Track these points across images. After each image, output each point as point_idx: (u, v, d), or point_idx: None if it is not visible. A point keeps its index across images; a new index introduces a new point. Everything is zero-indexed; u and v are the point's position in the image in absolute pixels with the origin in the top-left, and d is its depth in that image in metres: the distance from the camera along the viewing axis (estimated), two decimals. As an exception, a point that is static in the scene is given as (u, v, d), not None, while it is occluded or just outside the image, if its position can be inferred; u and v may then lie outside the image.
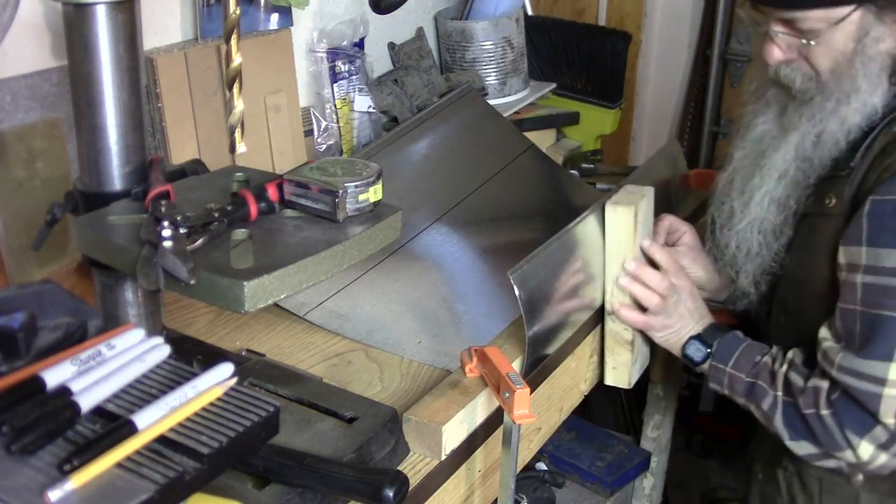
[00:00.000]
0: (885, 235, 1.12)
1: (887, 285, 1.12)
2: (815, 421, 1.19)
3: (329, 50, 1.81)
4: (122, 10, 0.96)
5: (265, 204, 0.97)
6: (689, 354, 1.35)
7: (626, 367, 1.41)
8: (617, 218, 1.31)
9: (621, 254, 1.33)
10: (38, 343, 0.95)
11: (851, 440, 1.16)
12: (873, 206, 1.14)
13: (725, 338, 1.33)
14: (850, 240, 1.17)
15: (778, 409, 1.24)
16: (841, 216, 1.21)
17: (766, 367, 1.28)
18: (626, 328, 1.38)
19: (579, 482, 2.08)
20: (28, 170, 1.30)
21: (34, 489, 0.72)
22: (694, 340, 1.34)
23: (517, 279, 1.18)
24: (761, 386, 1.27)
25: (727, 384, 1.32)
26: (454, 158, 1.82)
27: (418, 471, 1.08)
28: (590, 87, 2.31)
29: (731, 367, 1.31)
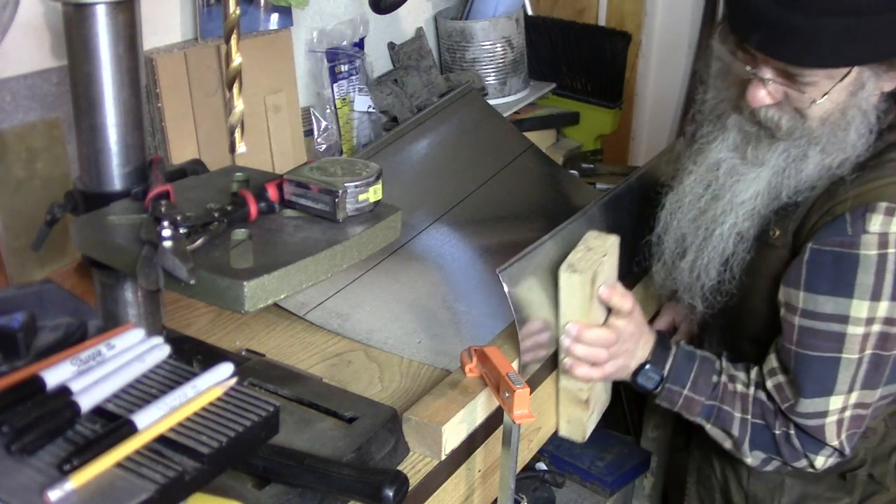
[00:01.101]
0: (822, 283, 1.17)
1: (821, 329, 1.18)
2: (784, 439, 1.26)
3: (329, 50, 1.81)
4: (122, 10, 0.96)
5: (265, 204, 0.97)
6: (641, 384, 1.30)
7: (581, 422, 1.34)
8: (572, 285, 1.21)
9: (575, 317, 1.23)
10: (38, 343, 0.95)
11: (810, 456, 1.25)
12: (812, 255, 1.17)
13: (676, 359, 1.30)
14: (790, 282, 1.21)
15: (747, 431, 1.27)
16: (783, 248, 1.24)
17: (726, 389, 1.28)
18: (581, 388, 1.29)
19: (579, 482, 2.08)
20: (28, 170, 1.30)
21: (34, 489, 0.72)
22: (644, 369, 1.29)
23: (506, 277, 1.17)
24: (726, 411, 1.28)
25: (682, 405, 1.30)
26: (454, 158, 1.82)
27: (418, 471, 1.08)
28: (590, 87, 2.31)
29: (688, 389, 1.29)
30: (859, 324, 1.16)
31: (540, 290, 1.25)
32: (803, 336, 1.20)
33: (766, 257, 1.26)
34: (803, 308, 1.19)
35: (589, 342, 1.23)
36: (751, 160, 1.24)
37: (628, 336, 1.26)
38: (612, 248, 1.28)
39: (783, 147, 1.21)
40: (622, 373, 1.29)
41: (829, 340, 1.18)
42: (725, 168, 1.27)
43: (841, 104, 1.15)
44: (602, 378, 1.29)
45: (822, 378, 1.20)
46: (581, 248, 1.27)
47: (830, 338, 1.18)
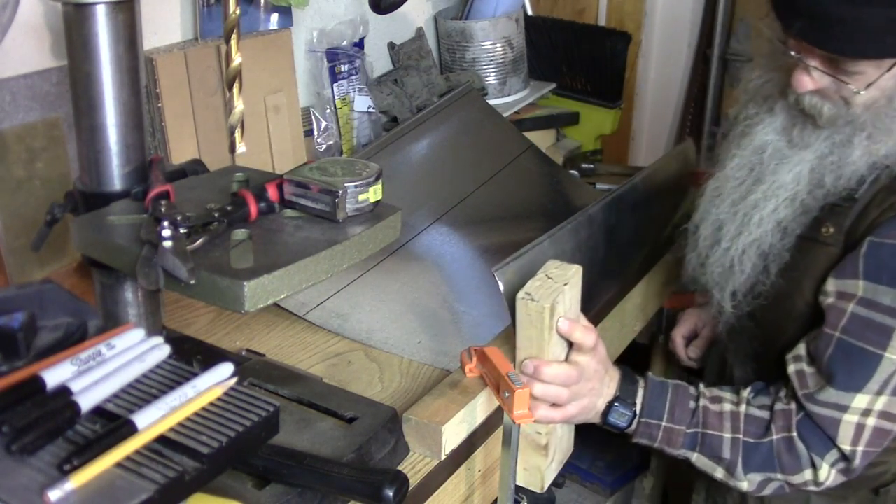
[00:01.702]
0: (884, 274, 1.12)
1: (875, 320, 1.12)
2: (783, 444, 1.17)
3: (329, 50, 1.81)
4: (122, 10, 0.96)
5: (265, 204, 0.97)
6: (613, 422, 1.21)
7: (539, 471, 1.20)
8: (529, 315, 1.10)
9: (532, 352, 1.13)
10: (38, 343, 0.95)
11: (815, 461, 1.16)
12: (870, 248, 1.13)
13: (647, 390, 1.21)
14: (845, 273, 1.16)
15: (740, 453, 1.19)
16: (835, 246, 1.19)
17: (708, 412, 1.20)
18: (539, 432, 1.18)
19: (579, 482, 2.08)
20: (28, 170, 1.30)
21: (34, 489, 0.72)
22: (614, 406, 1.20)
23: (502, 276, 1.17)
24: (713, 434, 1.19)
25: (662, 438, 1.21)
26: (454, 158, 1.82)
27: (418, 471, 1.08)
28: (590, 87, 2.31)
29: (665, 420, 1.21)
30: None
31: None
32: (852, 324, 1.14)
33: (814, 255, 1.21)
34: (862, 296, 1.13)
35: (548, 380, 1.12)
36: (797, 143, 1.21)
37: (592, 373, 1.16)
38: (573, 277, 1.15)
39: (827, 133, 1.18)
40: (587, 414, 1.19)
41: (878, 334, 1.12)
42: (770, 151, 1.23)
43: (888, 91, 1.13)
44: (563, 420, 1.17)
45: (857, 371, 1.13)
46: (541, 275, 1.15)
47: (881, 331, 1.12)
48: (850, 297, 1.15)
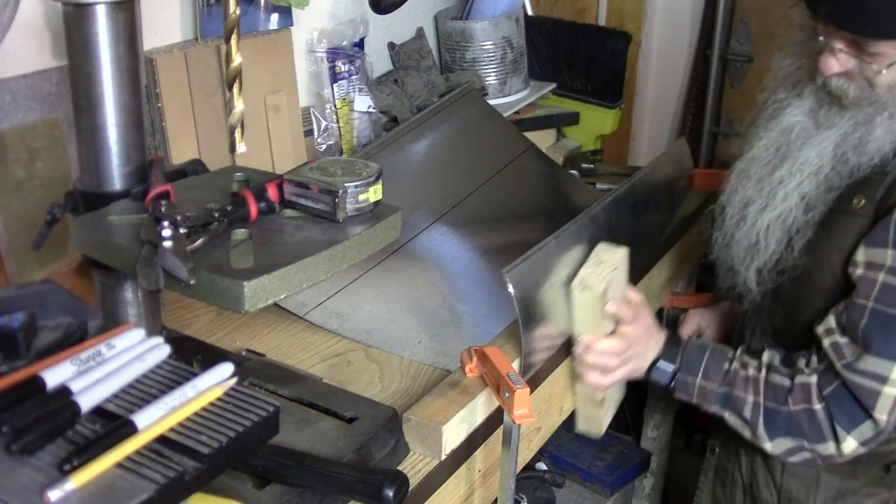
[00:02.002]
0: None
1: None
2: (804, 416, 1.23)
3: (329, 50, 1.81)
4: (122, 10, 0.96)
5: (265, 204, 0.97)
6: (655, 380, 1.34)
7: (598, 420, 1.40)
8: (585, 301, 1.26)
9: (588, 332, 1.28)
10: (38, 343, 0.95)
11: (839, 434, 1.21)
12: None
13: (688, 349, 1.33)
14: (875, 241, 1.20)
15: (760, 415, 1.27)
16: (866, 217, 1.22)
17: (737, 374, 1.29)
18: (596, 391, 1.35)
19: (579, 482, 2.08)
20: (28, 170, 1.30)
21: (34, 489, 0.72)
22: (656, 365, 1.33)
23: (512, 277, 1.17)
24: (738, 397, 1.28)
25: (697, 395, 1.32)
26: (454, 158, 1.82)
27: (418, 471, 1.08)
28: (590, 87, 2.31)
29: (700, 378, 1.31)
30: None
31: (544, 291, 1.25)
32: (884, 293, 1.18)
33: (846, 227, 1.24)
34: (891, 265, 1.17)
35: (600, 352, 1.27)
36: (822, 123, 1.25)
37: (637, 340, 1.30)
38: (621, 261, 1.31)
39: (851, 113, 1.22)
40: (635, 374, 1.33)
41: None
42: (797, 131, 1.28)
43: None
44: (612, 384, 1.32)
45: (894, 339, 1.17)
46: (592, 262, 1.31)
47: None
48: (879, 266, 1.18)
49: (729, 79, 2.68)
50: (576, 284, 1.26)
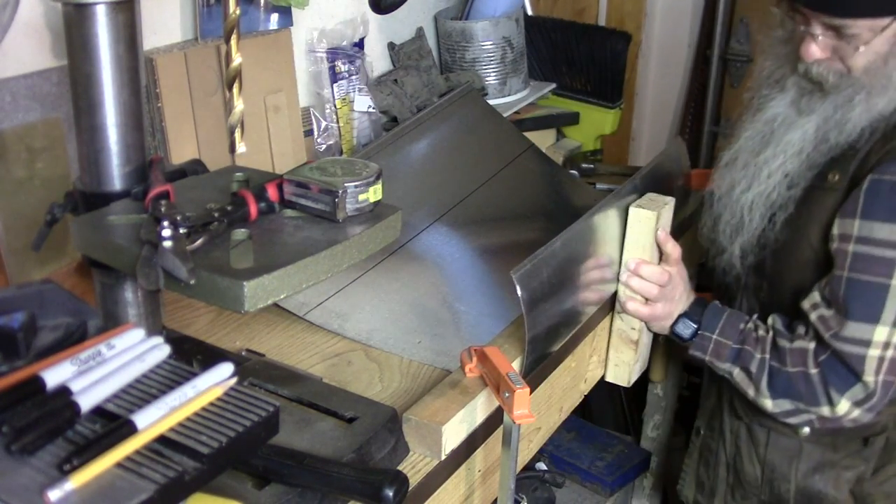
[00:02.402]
0: (879, 211, 1.24)
1: (875, 255, 1.25)
2: (801, 378, 1.31)
3: (329, 50, 1.81)
4: (122, 10, 0.96)
5: (265, 204, 0.97)
6: (678, 332, 1.43)
7: (628, 365, 1.49)
8: (640, 220, 1.39)
9: (638, 254, 1.41)
10: (38, 343, 0.95)
11: (833, 397, 1.29)
12: (871, 184, 1.25)
13: (709, 309, 1.43)
14: (845, 213, 1.28)
15: (765, 371, 1.35)
16: (840, 191, 1.31)
17: (750, 333, 1.38)
18: (633, 328, 1.45)
19: (579, 482, 2.08)
20: (28, 170, 1.30)
21: (34, 489, 0.72)
22: (681, 318, 1.43)
23: (520, 279, 1.17)
24: (748, 350, 1.37)
25: (712, 351, 1.41)
26: (454, 158, 1.82)
27: (418, 471, 1.08)
28: (590, 87, 2.31)
29: (717, 335, 1.40)
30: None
31: (551, 291, 1.25)
32: (856, 262, 1.26)
33: (821, 202, 1.33)
34: (858, 235, 1.26)
35: (645, 276, 1.39)
36: (804, 110, 1.35)
37: (677, 282, 1.41)
38: (669, 203, 1.43)
39: (832, 98, 1.31)
40: (665, 320, 1.42)
41: (882, 266, 1.24)
42: (780, 119, 1.38)
43: (883, 54, 1.26)
44: (650, 316, 1.42)
45: (870, 303, 1.25)
46: (644, 198, 1.43)
47: (883, 263, 1.24)
48: (848, 238, 1.27)
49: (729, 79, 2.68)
50: (633, 205, 1.39)
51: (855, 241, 1.26)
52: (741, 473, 1.54)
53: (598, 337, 1.48)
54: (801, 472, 1.46)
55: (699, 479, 1.64)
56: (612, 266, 1.42)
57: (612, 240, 1.41)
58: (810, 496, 1.47)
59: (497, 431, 1.19)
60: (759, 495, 1.52)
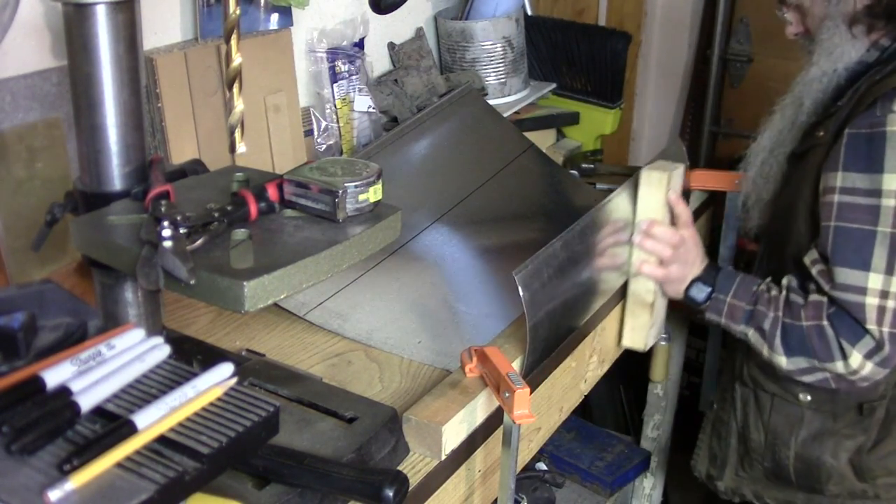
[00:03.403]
0: (858, 162, 1.30)
1: (858, 203, 1.30)
2: (815, 331, 1.33)
3: (329, 50, 1.81)
4: (122, 10, 0.96)
5: (265, 204, 0.97)
6: (692, 296, 1.46)
7: (643, 329, 1.52)
8: (651, 185, 1.43)
9: (650, 216, 1.44)
10: (38, 343, 0.95)
11: (845, 349, 1.31)
12: (848, 139, 1.31)
13: (723, 272, 1.47)
14: (828, 167, 1.34)
15: (778, 328, 1.38)
16: (826, 146, 1.37)
17: (763, 294, 1.41)
18: (648, 290, 1.48)
19: (579, 482, 2.08)
20: (28, 170, 1.30)
21: (34, 489, 0.72)
22: (696, 282, 1.46)
23: (522, 279, 1.17)
24: (761, 310, 1.40)
25: (727, 313, 1.44)
26: (454, 158, 1.82)
27: (418, 471, 1.08)
28: (590, 87, 2.31)
29: (731, 297, 1.43)
30: (891, 196, 1.27)
31: (552, 291, 1.25)
32: (842, 210, 1.31)
33: (811, 159, 1.40)
34: (841, 186, 1.31)
35: (658, 236, 1.43)
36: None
37: (690, 245, 1.45)
38: (679, 167, 1.48)
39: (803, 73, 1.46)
40: (679, 283, 1.46)
41: (866, 213, 1.29)
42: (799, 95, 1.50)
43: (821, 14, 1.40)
44: (664, 277, 1.46)
45: (858, 249, 1.30)
46: (655, 163, 1.47)
47: (866, 211, 1.29)
48: (832, 189, 1.33)
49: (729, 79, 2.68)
50: (645, 168, 1.43)
51: (839, 192, 1.31)
52: (749, 441, 1.58)
53: (599, 336, 1.48)
54: (800, 439, 1.51)
55: (712, 451, 1.68)
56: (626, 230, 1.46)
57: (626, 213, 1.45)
58: (809, 463, 1.51)
59: (497, 431, 1.19)
60: (762, 462, 1.57)
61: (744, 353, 1.56)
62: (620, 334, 1.55)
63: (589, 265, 1.38)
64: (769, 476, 1.57)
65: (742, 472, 1.62)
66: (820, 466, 1.50)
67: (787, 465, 1.53)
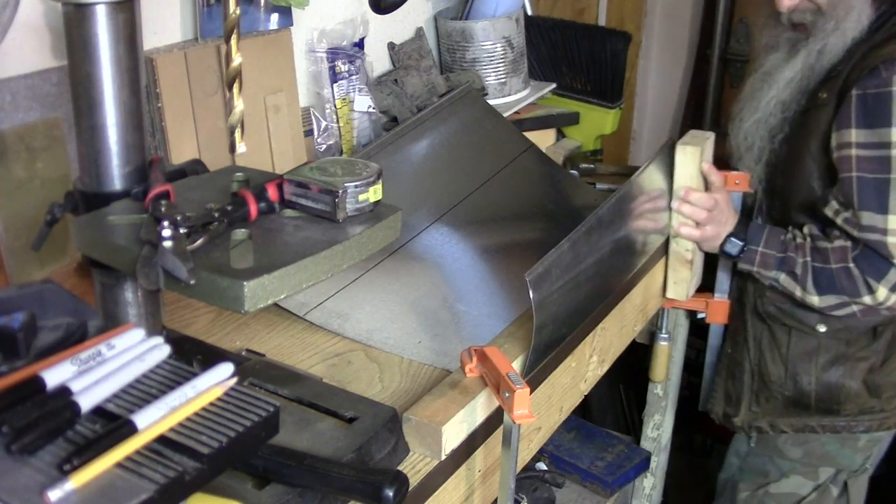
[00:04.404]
0: (868, 119, 1.46)
1: (873, 155, 1.46)
2: (843, 273, 1.51)
3: (329, 50, 1.81)
4: (122, 10, 0.96)
5: (265, 204, 0.97)
6: (727, 250, 1.63)
7: (685, 282, 1.70)
8: (686, 157, 1.60)
9: (686, 184, 1.61)
10: (38, 343, 0.95)
11: (872, 285, 1.49)
12: (857, 100, 1.47)
13: (752, 227, 1.62)
14: (841, 125, 1.50)
15: (808, 271, 1.54)
16: (829, 106, 1.53)
17: (791, 242, 1.58)
18: (687, 249, 1.66)
19: (579, 482, 2.08)
20: (28, 170, 1.30)
21: (34, 489, 0.72)
22: (729, 238, 1.62)
23: (533, 282, 1.17)
24: (792, 257, 1.56)
25: (759, 262, 1.60)
26: (454, 158, 1.82)
27: (418, 471, 1.08)
28: (590, 87, 2.31)
29: (762, 246, 1.60)
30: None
31: (559, 293, 1.25)
32: (861, 162, 1.47)
33: (816, 118, 1.56)
34: (857, 141, 1.47)
35: (694, 201, 1.61)
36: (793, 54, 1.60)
37: (724, 206, 1.62)
38: (710, 139, 1.65)
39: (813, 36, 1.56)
40: (714, 241, 1.63)
41: (881, 164, 1.46)
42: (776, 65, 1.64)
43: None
44: (701, 237, 1.63)
45: (878, 195, 1.46)
46: (688, 135, 1.66)
47: (881, 161, 1.46)
48: (848, 145, 1.48)
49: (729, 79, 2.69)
50: (679, 143, 1.61)
51: (856, 147, 1.47)
52: (765, 376, 1.74)
53: (599, 336, 1.48)
54: (819, 366, 1.67)
55: (727, 392, 1.83)
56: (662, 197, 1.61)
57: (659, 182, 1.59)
58: (829, 386, 1.67)
59: (497, 431, 1.19)
60: (782, 392, 1.72)
61: (757, 294, 1.71)
62: (665, 287, 1.72)
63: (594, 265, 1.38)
64: (788, 405, 1.72)
65: (756, 407, 1.77)
66: (839, 389, 1.66)
67: (810, 392, 1.68)
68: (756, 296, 1.72)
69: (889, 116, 1.44)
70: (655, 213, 1.61)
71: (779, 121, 1.63)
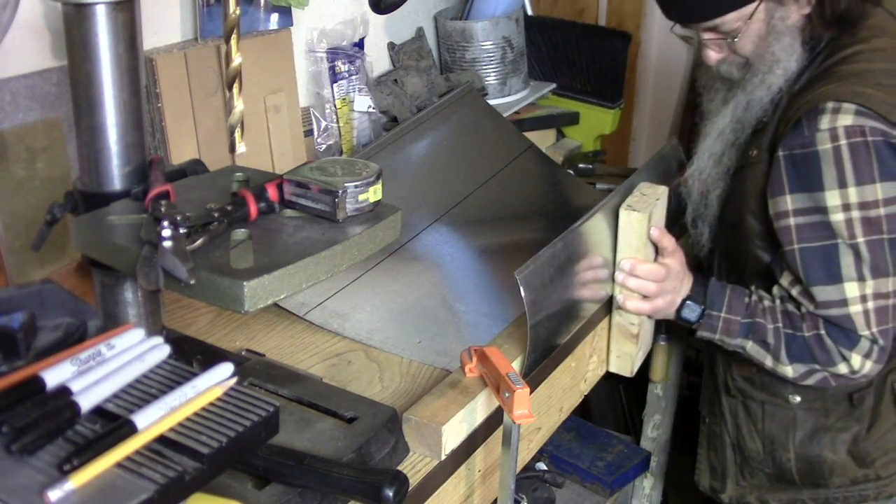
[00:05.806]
0: (798, 183, 1.33)
1: (812, 222, 1.32)
2: (815, 341, 1.36)
3: (329, 50, 1.81)
4: (122, 10, 0.96)
5: (265, 204, 0.97)
6: (684, 316, 1.43)
7: (630, 357, 1.49)
8: (631, 223, 1.37)
9: (631, 255, 1.39)
10: (38, 343, 0.95)
11: (845, 354, 1.35)
12: (785, 160, 1.34)
13: (711, 288, 1.43)
14: (774, 192, 1.36)
15: (781, 339, 1.38)
16: (761, 163, 1.40)
17: (757, 305, 1.40)
18: (633, 322, 1.44)
19: (579, 482, 2.08)
20: (28, 170, 1.30)
21: (34, 489, 0.72)
22: (686, 302, 1.43)
23: (524, 280, 1.17)
24: (760, 323, 1.39)
25: (721, 329, 1.41)
26: (454, 158, 1.82)
27: (418, 471, 1.08)
28: (590, 87, 2.31)
29: (724, 312, 1.41)
30: (837, 211, 1.30)
31: (553, 291, 1.25)
32: (800, 232, 1.34)
33: (751, 176, 1.42)
34: (792, 209, 1.34)
35: (642, 275, 1.39)
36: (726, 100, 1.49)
37: (675, 273, 1.41)
38: (663, 195, 1.44)
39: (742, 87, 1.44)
40: (669, 309, 1.43)
41: (822, 230, 1.32)
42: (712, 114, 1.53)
43: (763, 35, 1.38)
44: (651, 311, 1.42)
45: (827, 265, 1.32)
46: (637, 193, 1.43)
47: (821, 227, 1.32)
48: (785, 214, 1.35)
49: (729, 79, 2.68)
50: (624, 207, 1.38)
51: (793, 215, 1.34)
52: (745, 451, 1.59)
53: (598, 336, 1.48)
54: (798, 440, 1.52)
55: (711, 465, 1.69)
56: (606, 266, 1.41)
57: (606, 241, 1.41)
58: (810, 461, 1.52)
59: (497, 431, 1.19)
60: (763, 469, 1.58)
61: (725, 366, 1.57)
62: (607, 359, 1.51)
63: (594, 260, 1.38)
64: (772, 480, 1.58)
65: (743, 482, 1.62)
66: (822, 463, 1.51)
67: (790, 468, 1.54)
68: (725, 369, 1.57)
69: (820, 178, 1.30)
70: (597, 284, 1.42)
71: (713, 176, 1.50)
